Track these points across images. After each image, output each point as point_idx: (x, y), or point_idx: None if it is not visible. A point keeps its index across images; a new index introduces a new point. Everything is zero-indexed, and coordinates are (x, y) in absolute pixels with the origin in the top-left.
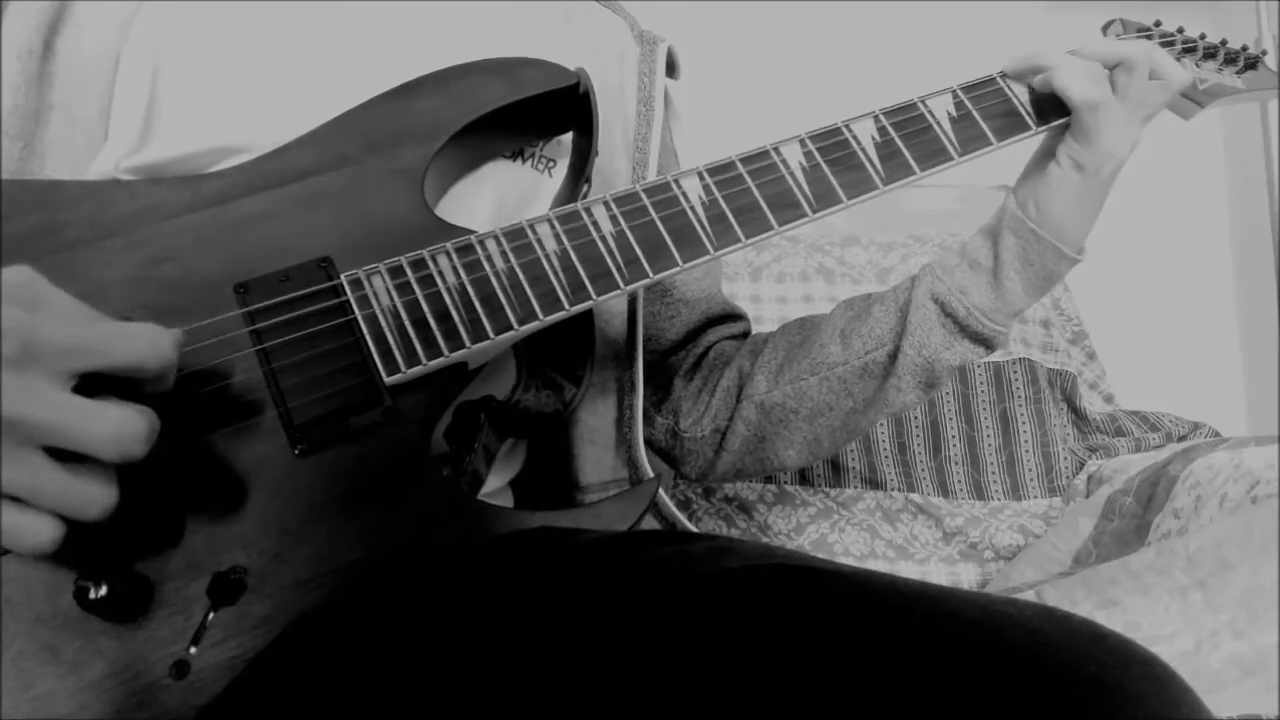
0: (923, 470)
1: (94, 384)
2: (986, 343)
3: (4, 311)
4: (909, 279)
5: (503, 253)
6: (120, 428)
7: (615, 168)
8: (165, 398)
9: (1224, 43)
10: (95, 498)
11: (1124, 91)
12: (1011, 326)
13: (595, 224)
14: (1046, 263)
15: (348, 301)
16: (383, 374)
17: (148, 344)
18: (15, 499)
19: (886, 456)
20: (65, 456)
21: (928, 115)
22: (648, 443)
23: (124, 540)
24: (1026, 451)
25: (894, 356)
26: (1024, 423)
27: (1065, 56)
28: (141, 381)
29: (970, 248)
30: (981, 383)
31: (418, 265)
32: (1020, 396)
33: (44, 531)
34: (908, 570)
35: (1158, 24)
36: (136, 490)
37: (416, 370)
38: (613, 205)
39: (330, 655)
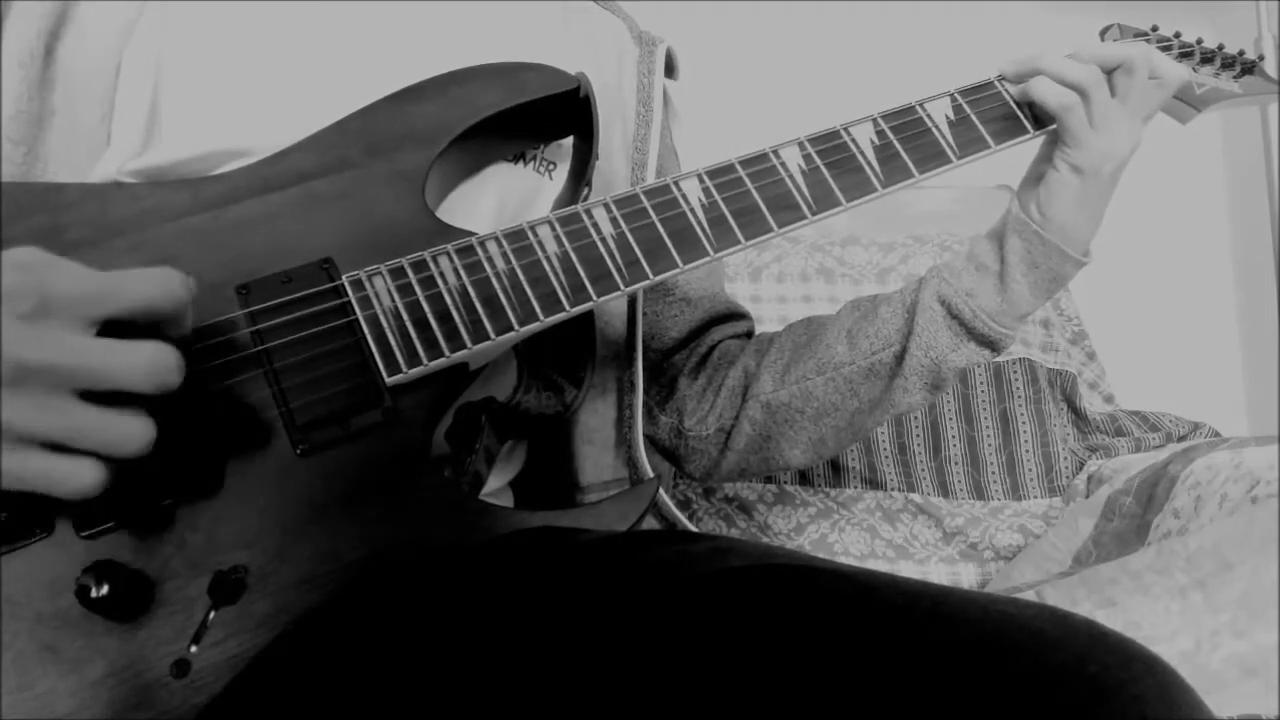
0: (923, 470)
1: (114, 332)
2: (992, 345)
3: (16, 275)
4: (916, 280)
5: (504, 254)
6: (153, 359)
7: (614, 168)
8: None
9: (1221, 47)
10: (134, 432)
11: (1125, 93)
12: (1018, 329)
13: (595, 226)
14: (1052, 265)
15: (349, 302)
16: (384, 374)
17: (159, 284)
18: (52, 448)
19: (886, 456)
20: (94, 402)
21: (926, 119)
22: (652, 442)
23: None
24: (1026, 451)
25: (901, 357)
26: (1024, 423)
27: (1057, 60)
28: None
29: (977, 250)
30: (981, 383)
31: (419, 266)
32: (1020, 396)
33: (87, 473)
34: (908, 570)
35: (1155, 29)
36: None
37: (418, 370)
38: (613, 207)
39: (331, 654)
